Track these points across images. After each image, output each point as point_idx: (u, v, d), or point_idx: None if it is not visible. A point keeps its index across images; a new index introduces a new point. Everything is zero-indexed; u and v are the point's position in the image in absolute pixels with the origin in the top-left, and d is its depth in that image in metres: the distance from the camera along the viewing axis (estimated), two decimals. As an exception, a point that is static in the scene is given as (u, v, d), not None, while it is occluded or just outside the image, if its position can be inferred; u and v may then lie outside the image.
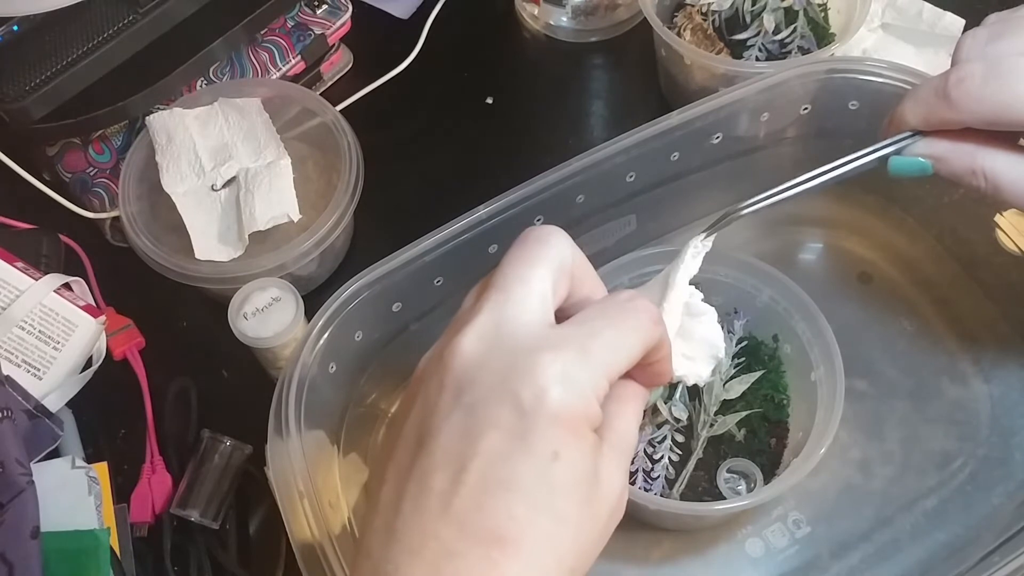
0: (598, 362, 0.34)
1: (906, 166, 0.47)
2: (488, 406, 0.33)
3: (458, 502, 0.32)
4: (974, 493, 0.57)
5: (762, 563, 0.56)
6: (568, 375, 0.33)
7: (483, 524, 0.32)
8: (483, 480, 0.32)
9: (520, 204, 0.57)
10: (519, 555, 0.32)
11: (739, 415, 0.57)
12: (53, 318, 0.62)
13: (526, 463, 0.33)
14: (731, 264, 0.59)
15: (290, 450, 0.50)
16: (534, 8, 0.82)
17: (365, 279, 0.55)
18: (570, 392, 0.33)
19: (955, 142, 0.45)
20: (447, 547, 0.32)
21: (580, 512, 0.33)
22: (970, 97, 0.43)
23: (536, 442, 0.33)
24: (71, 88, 0.66)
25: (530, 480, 0.32)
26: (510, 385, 0.33)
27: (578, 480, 0.33)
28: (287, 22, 0.75)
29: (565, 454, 0.33)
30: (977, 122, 0.43)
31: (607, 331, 0.35)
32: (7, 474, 0.52)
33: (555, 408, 0.33)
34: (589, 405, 0.34)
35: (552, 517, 0.33)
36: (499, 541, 0.32)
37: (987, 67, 0.43)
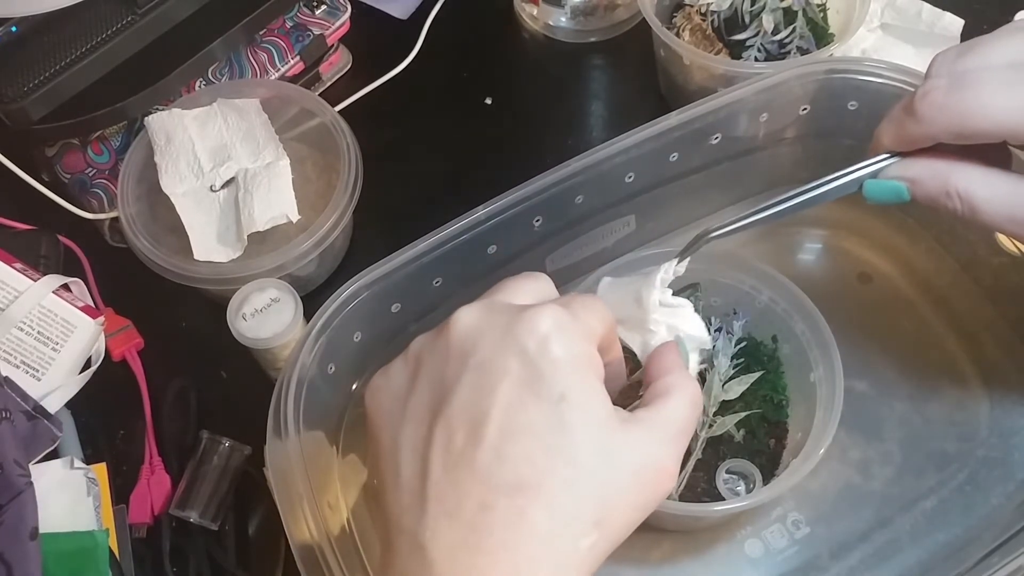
0: (583, 319, 0.37)
1: (881, 191, 0.46)
2: (496, 360, 0.35)
3: (481, 455, 0.34)
4: (974, 493, 0.57)
5: (761, 564, 0.56)
6: (563, 325, 0.36)
7: (506, 473, 0.34)
8: (501, 430, 0.34)
9: (520, 204, 0.57)
10: (540, 500, 0.33)
11: (738, 416, 0.57)
12: (52, 319, 0.62)
13: (538, 407, 0.34)
14: (731, 264, 0.59)
15: (289, 451, 0.50)
16: (533, 8, 0.82)
17: (364, 279, 0.55)
18: (568, 338, 0.35)
19: (929, 163, 0.45)
20: (478, 501, 0.34)
21: (595, 458, 0.34)
22: (934, 109, 0.43)
23: (544, 386, 0.34)
24: (70, 88, 0.66)
25: (542, 424, 0.34)
26: (514, 338, 0.35)
27: (587, 422, 0.34)
28: (286, 22, 0.75)
29: (571, 396, 0.34)
30: (943, 134, 0.44)
31: (580, 298, 0.38)
32: (6, 475, 0.52)
33: (558, 353, 0.35)
34: (588, 350, 0.36)
35: (566, 460, 0.34)
36: (522, 488, 0.34)
37: (951, 80, 0.43)
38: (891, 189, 0.46)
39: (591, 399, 0.35)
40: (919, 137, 0.45)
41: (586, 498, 0.34)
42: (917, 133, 0.44)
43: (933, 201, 0.45)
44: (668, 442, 0.37)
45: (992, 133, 0.42)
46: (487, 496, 0.34)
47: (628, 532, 0.36)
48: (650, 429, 0.37)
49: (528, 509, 0.33)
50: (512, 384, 0.35)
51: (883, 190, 0.46)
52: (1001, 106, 0.42)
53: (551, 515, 0.33)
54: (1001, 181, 0.44)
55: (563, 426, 0.34)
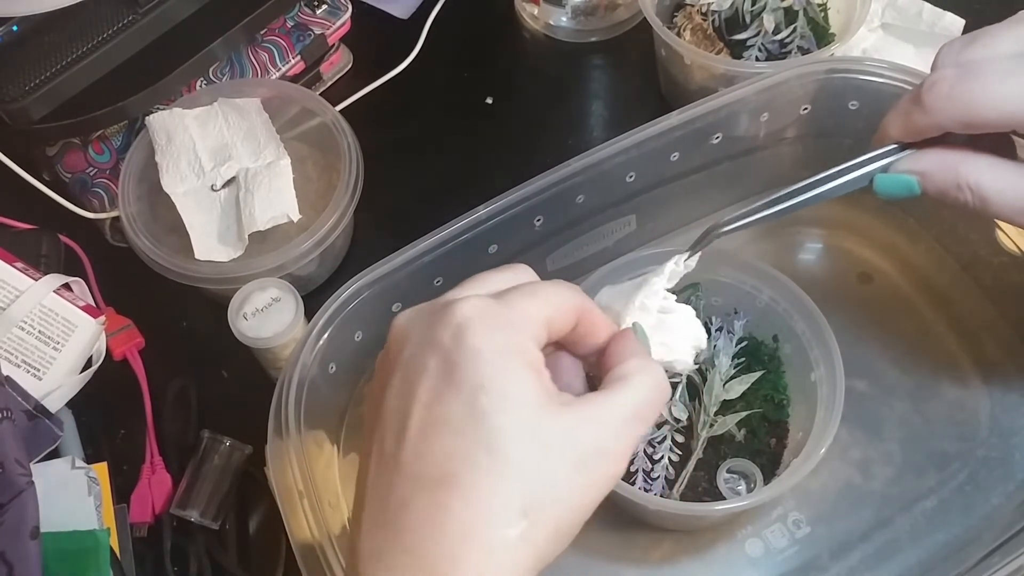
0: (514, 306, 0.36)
1: (892, 185, 0.46)
2: (416, 357, 0.35)
3: (404, 455, 0.34)
4: (974, 493, 0.57)
5: (762, 563, 0.56)
6: (482, 314, 0.35)
7: (426, 469, 0.33)
8: (422, 427, 0.34)
9: (520, 204, 0.57)
10: (460, 492, 0.33)
11: (739, 415, 0.57)
12: (53, 318, 0.62)
13: (456, 400, 0.33)
14: (731, 264, 0.59)
15: (290, 450, 0.50)
16: (534, 8, 0.82)
17: (365, 279, 0.55)
18: (487, 326, 0.34)
19: (939, 156, 0.45)
20: (401, 500, 0.33)
21: (517, 445, 0.33)
22: (941, 99, 0.43)
23: (461, 378, 0.34)
24: (71, 88, 0.66)
25: (461, 416, 0.33)
26: (433, 333, 0.35)
27: (507, 409, 0.33)
28: (287, 22, 0.75)
29: (490, 384, 0.33)
30: (950, 123, 0.44)
31: (525, 286, 0.37)
32: (7, 474, 0.52)
33: (473, 342, 0.34)
34: (512, 338, 0.35)
35: (485, 449, 0.33)
36: (441, 482, 0.33)
37: (958, 71, 0.43)
38: (901, 183, 0.46)
39: (512, 386, 0.34)
40: (926, 127, 0.44)
41: (508, 487, 0.33)
42: (924, 123, 0.44)
43: (943, 194, 0.45)
44: (618, 425, 0.35)
45: (1000, 123, 0.42)
46: (408, 494, 0.33)
47: (577, 517, 0.34)
48: (597, 412, 0.35)
49: (446, 503, 0.33)
50: (431, 379, 0.34)
51: (893, 184, 0.46)
52: (1009, 95, 0.41)
53: (469, 507, 0.32)
54: (1012, 173, 0.44)
55: (481, 416, 0.33)
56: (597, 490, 0.35)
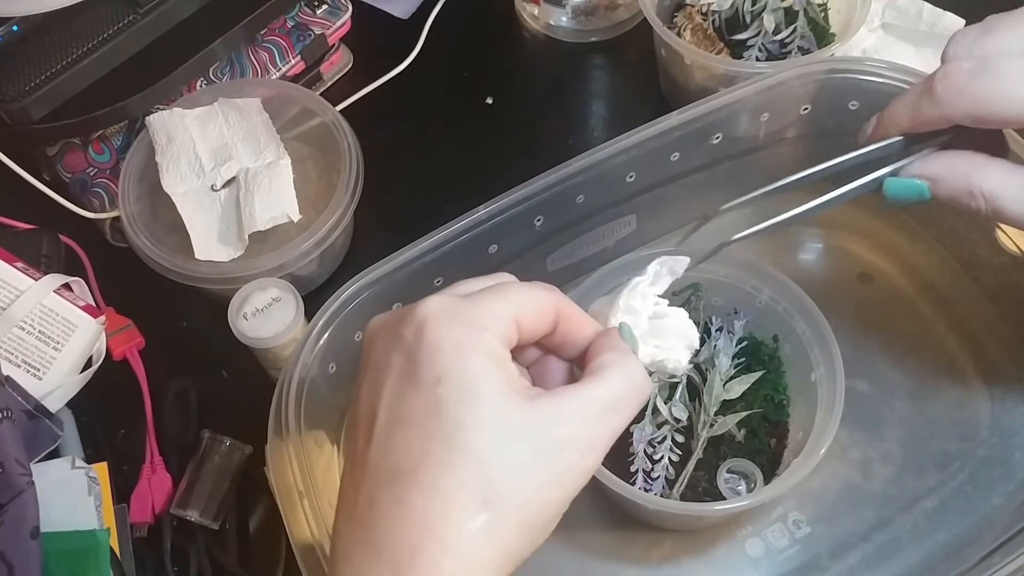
0: (478, 303, 0.36)
1: (903, 189, 0.46)
2: (383, 358, 0.36)
3: (371, 453, 0.34)
4: (974, 493, 0.57)
5: (762, 563, 0.56)
6: (443, 310, 0.35)
7: (389, 464, 0.34)
8: (387, 424, 0.34)
9: (520, 204, 0.57)
10: (418, 485, 0.33)
11: (739, 415, 0.57)
12: (53, 318, 0.62)
13: (417, 396, 0.34)
14: (731, 264, 0.59)
15: (290, 450, 0.50)
16: (534, 8, 0.82)
17: (365, 279, 0.55)
18: (447, 322, 0.35)
19: (952, 161, 0.45)
20: (367, 497, 0.34)
21: (477, 436, 0.33)
22: (955, 91, 0.43)
23: (421, 373, 0.34)
24: (71, 88, 0.66)
25: (421, 411, 0.34)
26: (397, 332, 0.36)
27: (466, 401, 0.34)
28: (287, 22, 0.75)
29: (448, 378, 0.34)
30: (962, 116, 0.43)
31: (498, 285, 0.38)
32: (7, 474, 0.52)
33: (432, 338, 0.34)
34: (472, 333, 0.35)
35: (445, 442, 0.33)
36: (401, 477, 0.33)
37: (974, 64, 0.43)
38: (912, 187, 0.45)
39: (471, 378, 0.34)
40: (936, 118, 0.44)
41: (467, 478, 0.33)
42: (935, 114, 0.44)
43: (955, 200, 0.45)
44: (589, 418, 0.35)
45: (1013, 120, 0.42)
46: (373, 490, 0.34)
47: (548, 511, 0.34)
48: (567, 404, 0.35)
49: (406, 496, 0.33)
50: (395, 378, 0.35)
51: (904, 188, 0.46)
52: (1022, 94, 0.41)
53: (428, 499, 0.33)
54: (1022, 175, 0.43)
55: (440, 409, 0.33)
56: (567, 483, 0.35)
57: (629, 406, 0.37)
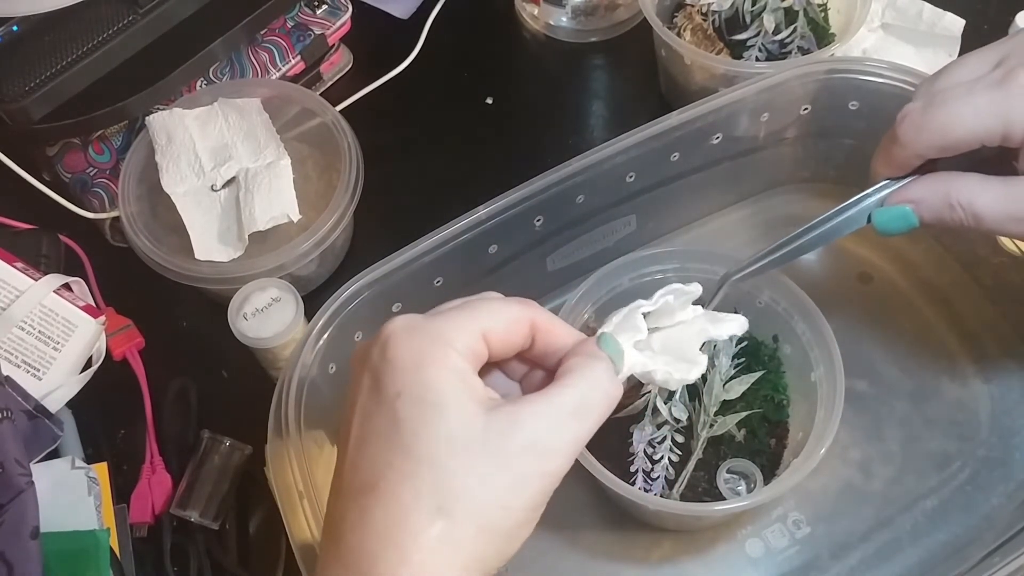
0: (445, 317, 0.37)
1: (890, 218, 0.49)
2: (356, 377, 0.37)
3: (344, 470, 0.36)
4: (974, 493, 0.57)
5: (762, 563, 0.56)
6: (406, 327, 0.36)
7: (357, 480, 0.35)
8: (356, 441, 0.36)
9: (520, 204, 0.57)
10: (378, 496, 0.34)
11: (739, 415, 0.57)
12: (53, 318, 0.62)
13: (379, 411, 0.35)
14: (731, 264, 0.59)
15: (290, 450, 0.50)
16: (534, 8, 0.82)
17: (365, 279, 0.55)
18: (408, 337, 0.36)
19: (928, 181, 0.48)
20: (339, 513, 0.35)
21: (433, 446, 0.34)
22: (912, 130, 0.46)
23: (384, 389, 0.35)
24: (71, 88, 0.66)
25: (383, 425, 0.35)
26: (367, 352, 0.37)
27: (423, 412, 0.34)
28: (287, 22, 0.75)
29: (407, 391, 0.35)
30: (927, 150, 0.47)
31: (466, 300, 0.38)
32: (7, 475, 0.52)
33: (393, 354, 0.36)
34: (433, 348, 0.36)
35: (403, 454, 0.34)
36: (363, 489, 0.35)
37: (924, 102, 0.46)
38: (898, 214, 0.48)
39: (430, 391, 0.35)
40: (908, 158, 0.48)
41: (423, 487, 0.34)
42: (904, 155, 0.47)
43: (939, 217, 0.47)
44: (552, 422, 0.36)
45: (970, 140, 0.45)
46: (343, 506, 0.35)
47: (513, 516, 0.35)
48: (530, 409, 0.35)
49: (368, 508, 0.34)
50: (363, 396, 0.36)
51: (891, 217, 0.49)
52: (971, 114, 0.45)
53: (387, 510, 0.34)
54: (998, 184, 0.46)
55: (398, 422, 0.34)
56: (530, 487, 0.35)
57: (594, 411, 0.37)
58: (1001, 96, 0.44)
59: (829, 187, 0.69)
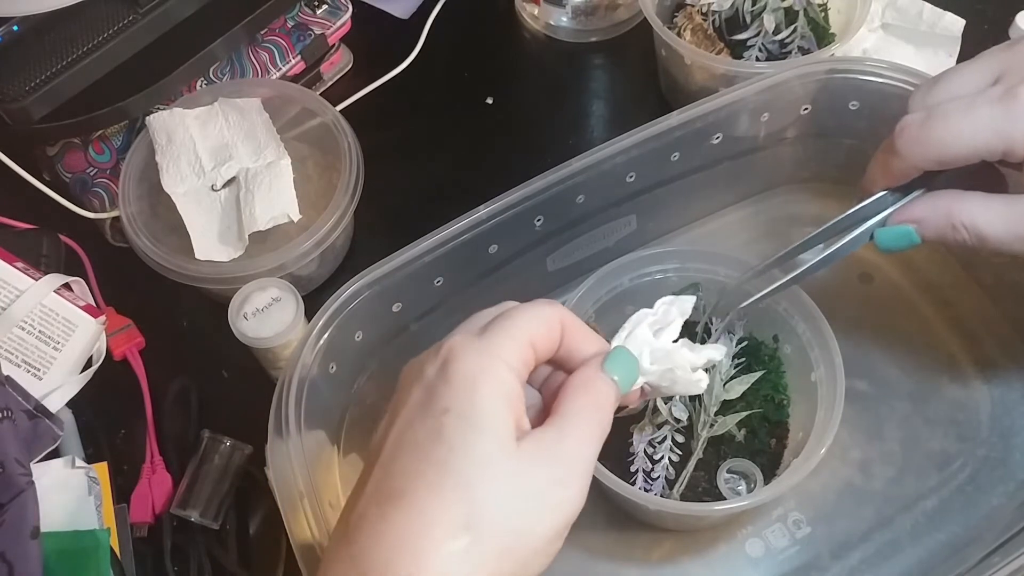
0: (496, 330, 0.38)
1: (893, 238, 0.49)
2: (405, 391, 0.38)
3: (373, 475, 0.36)
4: (974, 493, 0.57)
5: (762, 563, 0.56)
6: (464, 345, 0.37)
7: (385, 486, 0.35)
8: (392, 449, 0.36)
9: (520, 204, 0.57)
10: (402, 505, 0.34)
11: (739, 415, 0.57)
12: (53, 318, 0.62)
13: (424, 424, 0.36)
14: (731, 264, 0.59)
15: (290, 450, 0.50)
16: (534, 8, 0.82)
17: (365, 279, 0.55)
18: (465, 356, 0.36)
19: (931, 201, 0.48)
20: (358, 514, 0.35)
21: (468, 464, 0.35)
22: (911, 143, 0.46)
23: (433, 403, 0.36)
24: (71, 88, 0.66)
25: (425, 438, 0.35)
26: (421, 369, 0.37)
27: (464, 430, 0.35)
28: (287, 22, 0.75)
29: (456, 408, 0.35)
30: (924, 163, 0.46)
31: (507, 312, 0.39)
32: (7, 474, 0.52)
33: (451, 372, 0.36)
34: (488, 365, 0.36)
35: (437, 467, 0.35)
36: (390, 497, 0.35)
37: (924, 114, 0.46)
38: (901, 234, 0.48)
39: (478, 410, 0.35)
40: (905, 170, 0.48)
41: (453, 501, 0.34)
42: (901, 167, 0.47)
43: (942, 237, 0.47)
44: (569, 462, 0.37)
45: (968, 155, 0.45)
46: (364, 508, 0.35)
47: (535, 542, 0.35)
48: (549, 452, 0.36)
49: (390, 514, 0.34)
50: (410, 408, 0.37)
51: (894, 236, 0.49)
52: (970, 129, 0.44)
53: (409, 518, 0.34)
54: (1001, 203, 0.46)
55: (440, 436, 0.35)
56: (554, 515, 0.36)
57: (601, 439, 0.38)
58: (1002, 113, 0.44)
59: (829, 187, 0.69)
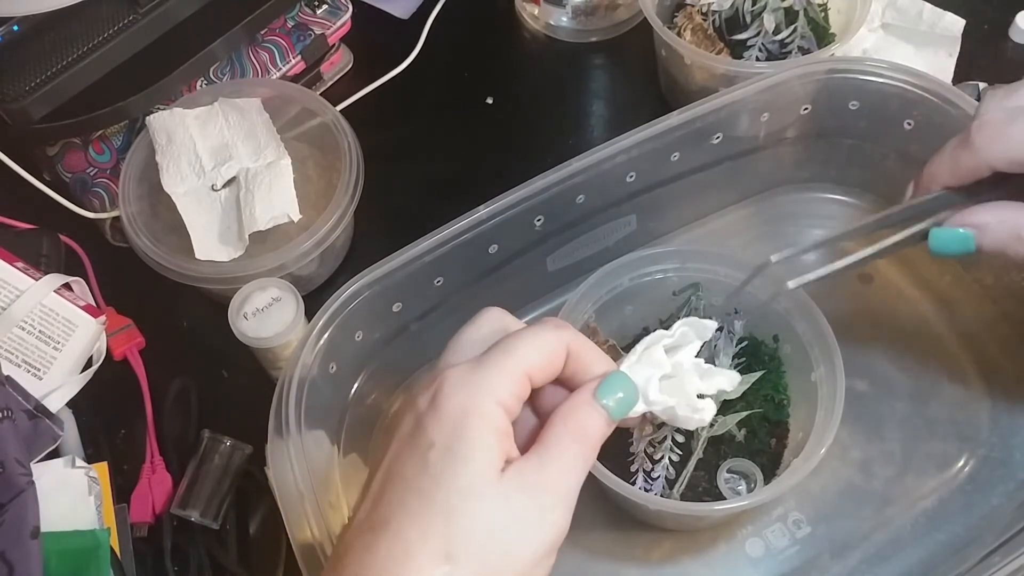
0: (491, 363, 0.37)
1: (949, 240, 0.46)
2: (398, 423, 0.38)
3: (362, 507, 0.37)
4: (974, 493, 0.57)
5: (762, 563, 0.56)
6: (459, 375, 0.37)
7: (371, 517, 0.36)
8: (380, 481, 0.37)
9: (520, 204, 0.57)
10: (386, 535, 0.35)
11: (739, 415, 0.57)
12: (53, 318, 0.62)
13: (412, 457, 0.36)
14: (731, 264, 0.59)
15: (290, 450, 0.50)
16: (534, 8, 0.82)
17: (365, 279, 0.55)
18: (455, 391, 0.36)
19: (998, 208, 0.45)
20: (345, 548, 0.36)
21: (451, 495, 0.35)
22: (992, 138, 0.45)
23: (421, 436, 0.36)
24: (71, 88, 0.66)
25: (410, 469, 0.36)
26: (414, 400, 0.38)
27: (448, 461, 0.35)
28: (287, 22, 0.75)
29: (440, 440, 0.36)
30: (999, 161, 0.45)
31: (505, 340, 0.38)
32: (7, 474, 0.52)
33: (441, 404, 0.36)
34: (475, 399, 0.36)
35: (421, 499, 0.35)
36: (373, 526, 0.35)
37: (1007, 113, 0.45)
38: (958, 238, 0.46)
39: (465, 444, 0.35)
40: (976, 166, 0.46)
41: (435, 530, 0.34)
42: (973, 163, 0.45)
43: (1002, 247, 0.45)
44: (555, 490, 0.37)
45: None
46: (350, 540, 0.36)
47: (520, 565, 0.35)
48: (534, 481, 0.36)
49: (373, 544, 0.35)
50: (399, 440, 0.37)
51: (950, 239, 0.46)
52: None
53: (391, 547, 0.34)
54: None
55: (426, 468, 0.35)
56: (535, 541, 0.36)
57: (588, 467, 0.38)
58: None
59: (829, 187, 0.69)
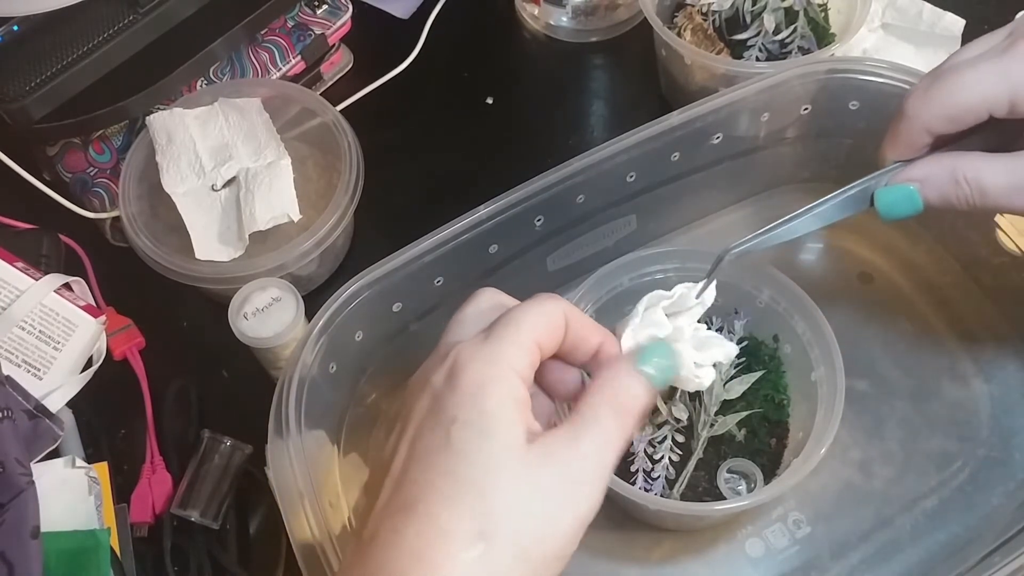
0: (501, 336, 0.37)
1: (895, 199, 0.48)
2: (413, 402, 0.37)
3: (384, 489, 0.36)
4: (974, 493, 0.57)
5: (762, 563, 0.56)
6: (470, 353, 0.36)
7: (396, 500, 0.35)
8: (402, 461, 0.36)
9: (520, 204, 0.57)
10: (414, 516, 0.34)
11: (739, 415, 0.57)
12: (53, 318, 0.62)
13: (432, 434, 0.35)
14: (731, 264, 0.59)
15: (290, 450, 0.50)
16: (534, 8, 0.82)
17: (365, 279, 0.55)
18: (472, 364, 0.36)
19: (934, 159, 0.47)
20: (371, 531, 0.35)
21: (479, 472, 0.34)
22: (919, 101, 0.47)
23: (441, 413, 0.36)
24: (71, 88, 0.66)
25: (435, 448, 0.35)
26: (427, 379, 0.37)
27: (472, 438, 0.35)
28: (287, 22, 0.75)
29: (464, 417, 0.35)
30: (934, 121, 0.46)
31: (509, 313, 0.38)
32: (7, 474, 0.52)
33: (458, 381, 0.36)
34: (492, 371, 0.36)
35: (449, 477, 0.34)
36: (401, 508, 0.35)
37: (931, 77, 0.47)
38: (903, 194, 0.48)
39: (486, 418, 0.35)
40: (915, 132, 0.47)
41: (465, 510, 0.34)
42: (910, 130, 0.47)
43: (944, 195, 0.47)
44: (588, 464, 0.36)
45: (976, 106, 0.45)
46: (376, 524, 0.35)
47: (553, 543, 0.35)
48: (566, 454, 0.36)
49: (401, 527, 0.34)
50: (418, 419, 0.36)
51: (895, 197, 0.48)
52: (972, 78, 0.45)
53: (422, 530, 0.34)
54: (1004, 158, 0.46)
55: (449, 445, 0.35)
56: (568, 517, 0.35)
57: (624, 441, 0.37)
58: (1006, 61, 0.44)
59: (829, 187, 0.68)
